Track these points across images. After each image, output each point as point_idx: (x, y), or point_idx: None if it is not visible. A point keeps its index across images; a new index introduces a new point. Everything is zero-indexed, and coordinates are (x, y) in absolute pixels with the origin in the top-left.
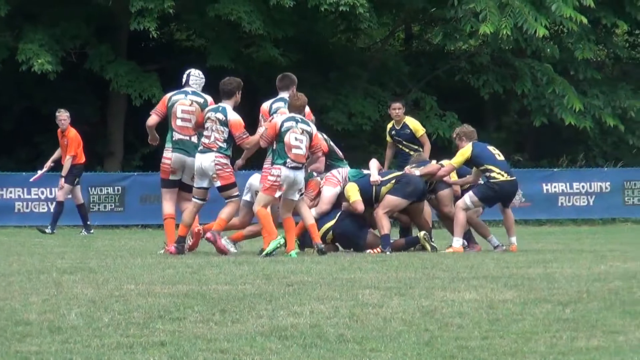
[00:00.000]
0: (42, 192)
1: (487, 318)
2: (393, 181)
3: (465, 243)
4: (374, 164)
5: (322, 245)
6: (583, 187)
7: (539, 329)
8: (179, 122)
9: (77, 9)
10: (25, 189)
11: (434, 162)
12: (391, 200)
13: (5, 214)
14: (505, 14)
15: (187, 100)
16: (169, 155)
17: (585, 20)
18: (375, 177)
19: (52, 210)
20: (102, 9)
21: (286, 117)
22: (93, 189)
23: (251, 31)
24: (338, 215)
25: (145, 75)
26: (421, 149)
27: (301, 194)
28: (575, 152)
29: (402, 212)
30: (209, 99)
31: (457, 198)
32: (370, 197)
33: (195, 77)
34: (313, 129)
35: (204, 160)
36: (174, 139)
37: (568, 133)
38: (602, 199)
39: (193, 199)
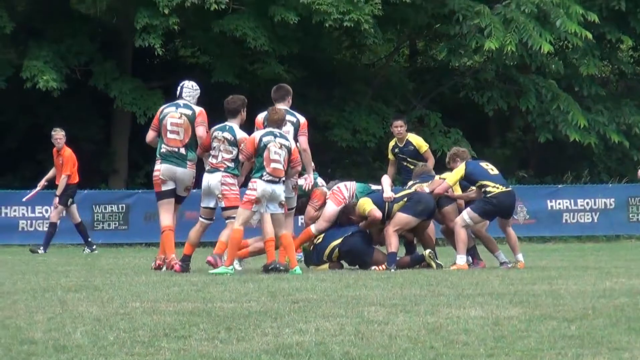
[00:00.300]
0: (47, 210)
1: (492, 335)
2: (405, 199)
3: (470, 260)
4: (387, 180)
5: (274, 265)
6: (587, 203)
7: (544, 345)
8: (168, 135)
9: (82, 26)
10: (29, 207)
11: (437, 177)
12: (402, 218)
13: (9, 232)
14: (510, 30)
15: (177, 113)
16: (158, 167)
17: (590, 36)
18: (388, 193)
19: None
20: (107, 25)
21: (265, 131)
22: (97, 206)
23: (256, 47)
24: (345, 234)
25: (150, 93)
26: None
27: (291, 208)
28: (579, 169)
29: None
30: (198, 110)
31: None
32: (382, 214)
33: (188, 89)
34: (292, 143)
35: (211, 180)
36: (162, 150)
37: (572, 149)
38: (606, 216)
39: (200, 219)
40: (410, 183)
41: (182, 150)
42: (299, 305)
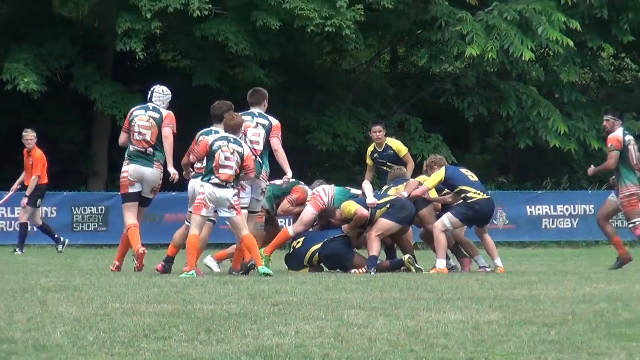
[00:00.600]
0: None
1: (472, 339)
2: (387, 205)
3: (452, 263)
4: (368, 186)
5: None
6: (567, 209)
7: (524, 350)
8: (135, 136)
9: (64, 29)
10: (8, 208)
11: (412, 180)
12: (385, 224)
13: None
14: (492, 37)
15: (145, 115)
16: (126, 168)
17: (571, 43)
18: (372, 199)
19: (35, 229)
20: (89, 29)
21: (219, 136)
22: (76, 208)
23: (237, 52)
24: (325, 238)
25: (130, 97)
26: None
27: (253, 212)
28: (559, 175)
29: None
30: (166, 112)
31: (438, 214)
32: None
33: (158, 93)
34: (245, 149)
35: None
36: (130, 150)
37: (552, 155)
38: (585, 222)
39: (186, 222)
40: (384, 187)
41: (150, 150)
42: (279, 308)
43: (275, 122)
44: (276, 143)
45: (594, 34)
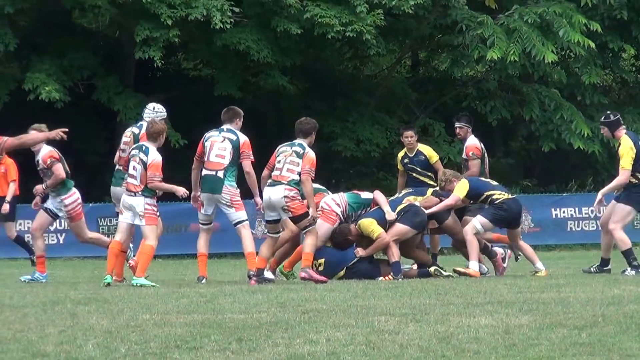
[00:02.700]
0: (52, 224)
1: (503, 343)
2: (402, 213)
3: (485, 268)
4: (383, 198)
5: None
6: (592, 211)
7: (555, 353)
8: (120, 153)
9: (84, 40)
10: (25, 222)
11: (431, 196)
12: (401, 229)
13: (15, 246)
14: (513, 40)
15: (129, 131)
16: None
17: (593, 45)
18: (392, 214)
19: (62, 241)
20: (109, 39)
21: (136, 145)
22: (102, 220)
23: (259, 60)
24: (345, 262)
25: None
26: (434, 177)
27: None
28: (583, 177)
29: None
30: (143, 131)
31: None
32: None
33: (148, 110)
34: (149, 158)
35: (272, 194)
36: (115, 169)
37: (576, 158)
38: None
39: (268, 234)
40: (404, 192)
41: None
42: (309, 316)
43: (243, 139)
44: (247, 166)
45: (614, 36)
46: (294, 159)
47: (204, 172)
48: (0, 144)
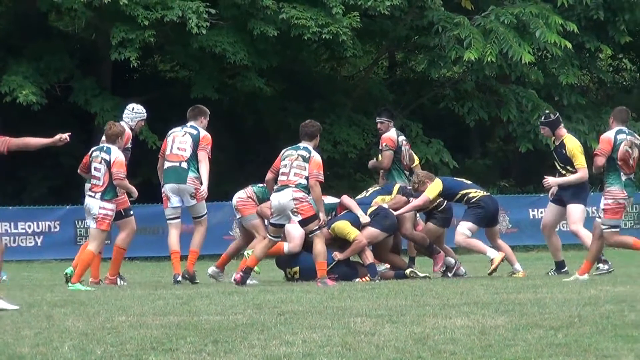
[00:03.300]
0: (29, 227)
1: (479, 344)
2: (372, 216)
3: (462, 270)
4: (353, 202)
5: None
6: None
7: (531, 354)
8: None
9: (61, 43)
10: (12, 224)
11: (399, 195)
12: (372, 232)
13: None
14: (490, 41)
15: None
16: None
17: (569, 45)
18: (365, 218)
19: (39, 244)
20: (85, 42)
21: (97, 147)
22: (80, 222)
23: (235, 62)
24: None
25: None
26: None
27: (198, 217)
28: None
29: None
30: (125, 129)
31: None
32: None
33: (128, 111)
34: (112, 157)
35: (281, 198)
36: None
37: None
38: (589, 224)
39: (269, 237)
40: (371, 189)
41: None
42: (285, 317)
43: (204, 133)
44: (202, 155)
45: (591, 36)
46: (300, 163)
47: (167, 164)
48: (3, 142)
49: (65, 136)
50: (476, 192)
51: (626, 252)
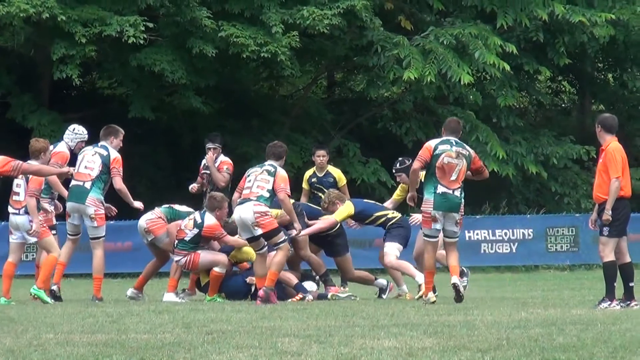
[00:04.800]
0: None
1: None
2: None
3: (405, 289)
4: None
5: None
6: (506, 234)
7: None
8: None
9: None
10: None
11: (328, 216)
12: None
13: None
14: (429, 61)
15: None
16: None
17: (508, 67)
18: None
19: None
20: (24, 58)
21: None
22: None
23: (174, 80)
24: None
25: (67, 125)
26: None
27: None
28: (497, 199)
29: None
30: (57, 149)
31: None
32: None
33: (69, 131)
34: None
35: (242, 212)
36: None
37: (491, 180)
38: (524, 246)
39: (257, 253)
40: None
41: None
42: (213, 337)
43: (114, 154)
44: (118, 182)
45: (530, 58)
46: (264, 176)
47: (72, 182)
48: (14, 167)
49: (71, 170)
50: (394, 214)
51: (562, 275)
